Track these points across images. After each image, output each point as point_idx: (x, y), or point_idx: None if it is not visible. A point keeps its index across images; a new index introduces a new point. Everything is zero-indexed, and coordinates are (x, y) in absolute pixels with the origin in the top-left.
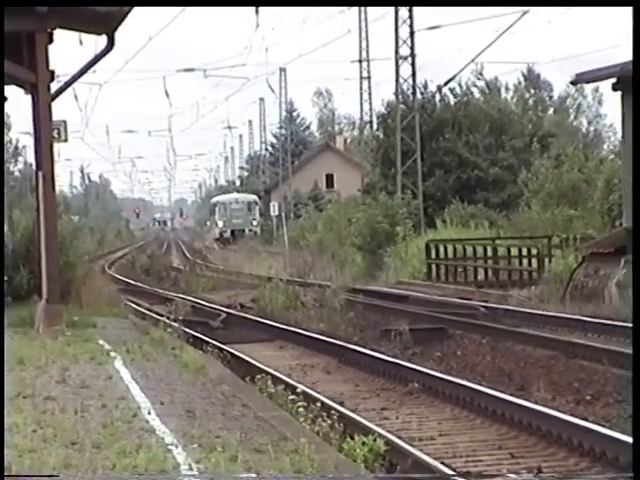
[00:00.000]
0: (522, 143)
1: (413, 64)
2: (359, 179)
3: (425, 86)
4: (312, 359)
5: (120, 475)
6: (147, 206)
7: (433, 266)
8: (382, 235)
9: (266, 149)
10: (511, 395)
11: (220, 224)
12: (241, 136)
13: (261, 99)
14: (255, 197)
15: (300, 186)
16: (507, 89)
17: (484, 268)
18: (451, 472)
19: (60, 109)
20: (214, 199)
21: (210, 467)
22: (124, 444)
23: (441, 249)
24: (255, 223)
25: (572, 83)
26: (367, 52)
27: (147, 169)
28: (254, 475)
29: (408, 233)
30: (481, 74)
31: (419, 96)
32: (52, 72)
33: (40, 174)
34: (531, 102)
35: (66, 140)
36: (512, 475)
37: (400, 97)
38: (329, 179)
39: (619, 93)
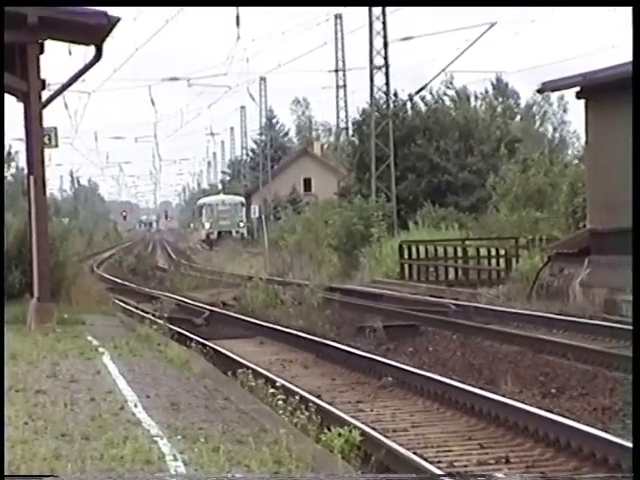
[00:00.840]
0: (490, 149)
1: (387, 73)
2: (335, 183)
3: (395, 94)
4: (291, 354)
5: (118, 474)
6: (134, 209)
7: (406, 266)
8: (357, 236)
9: (247, 154)
10: (480, 388)
11: (207, 225)
12: (223, 142)
13: (242, 107)
14: (242, 199)
15: (279, 190)
16: (476, 97)
17: (454, 268)
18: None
19: (51, 116)
20: (201, 200)
21: (193, 458)
22: (112, 436)
23: (413, 249)
24: (242, 224)
25: (538, 91)
26: (343, 62)
27: (134, 173)
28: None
29: (382, 234)
30: (451, 83)
31: (393, 103)
32: (43, 81)
33: (32, 178)
34: (499, 109)
35: (57, 146)
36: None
37: (374, 105)
38: (307, 183)
39: (583, 101)
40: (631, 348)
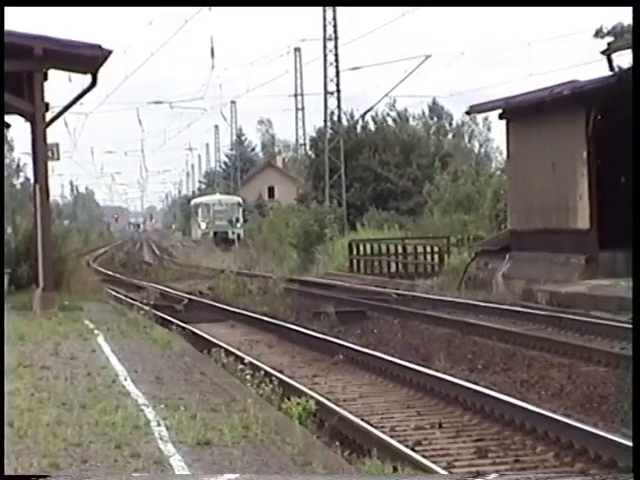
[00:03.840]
0: (426, 161)
1: (338, 98)
2: (295, 191)
3: (352, 115)
4: (257, 336)
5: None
6: (124, 212)
7: (354, 261)
8: (313, 236)
9: (220, 166)
10: (417, 364)
11: (203, 226)
12: (200, 156)
13: (216, 126)
14: (239, 199)
15: (247, 196)
16: (414, 118)
17: (395, 262)
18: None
19: (53, 134)
20: (196, 200)
21: (174, 423)
22: (105, 405)
23: (361, 247)
24: (239, 225)
25: (467, 113)
26: (301, 88)
27: (124, 182)
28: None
29: (334, 234)
30: (394, 106)
31: (344, 123)
32: (47, 104)
33: (37, 187)
34: (434, 128)
35: (58, 159)
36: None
37: (328, 124)
38: (271, 191)
39: (504, 121)
40: (548, 330)
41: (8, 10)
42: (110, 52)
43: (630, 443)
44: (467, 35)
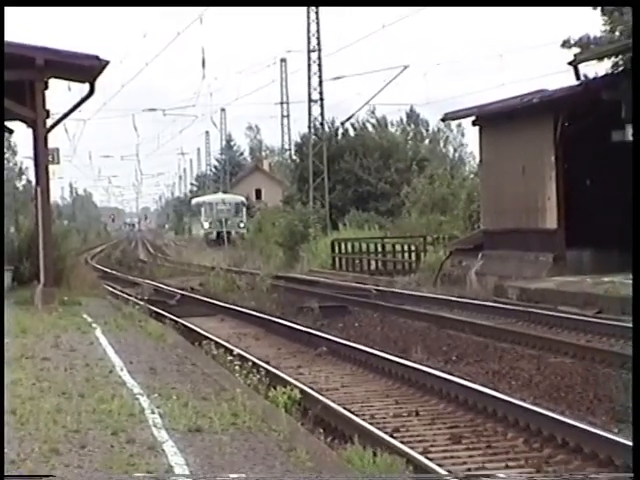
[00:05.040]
0: (404, 165)
1: (322, 106)
2: (281, 193)
3: (333, 122)
4: (245, 329)
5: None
6: (120, 213)
7: (337, 258)
8: (298, 235)
9: (210, 170)
10: (395, 356)
11: (206, 225)
12: (191, 160)
13: (207, 132)
14: (242, 198)
15: None
16: (392, 125)
17: (375, 260)
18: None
19: (54, 139)
20: (199, 199)
21: (167, 411)
22: (102, 394)
23: (343, 246)
24: (242, 225)
25: (442, 120)
26: (287, 96)
27: (120, 185)
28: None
29: (318, 233)
30: (373, 113)
31: (327, 129)
32: (48, 111)
33: (39, 189)
34: (411, 134)
35: (59, 163)
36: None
37: (312, 130)
38: (258, 193)
39: (477, 128)
40: (518, 324)
41: (10, 18)
42: (107, 62)
43: (621, 439)
44: (443, 46)
